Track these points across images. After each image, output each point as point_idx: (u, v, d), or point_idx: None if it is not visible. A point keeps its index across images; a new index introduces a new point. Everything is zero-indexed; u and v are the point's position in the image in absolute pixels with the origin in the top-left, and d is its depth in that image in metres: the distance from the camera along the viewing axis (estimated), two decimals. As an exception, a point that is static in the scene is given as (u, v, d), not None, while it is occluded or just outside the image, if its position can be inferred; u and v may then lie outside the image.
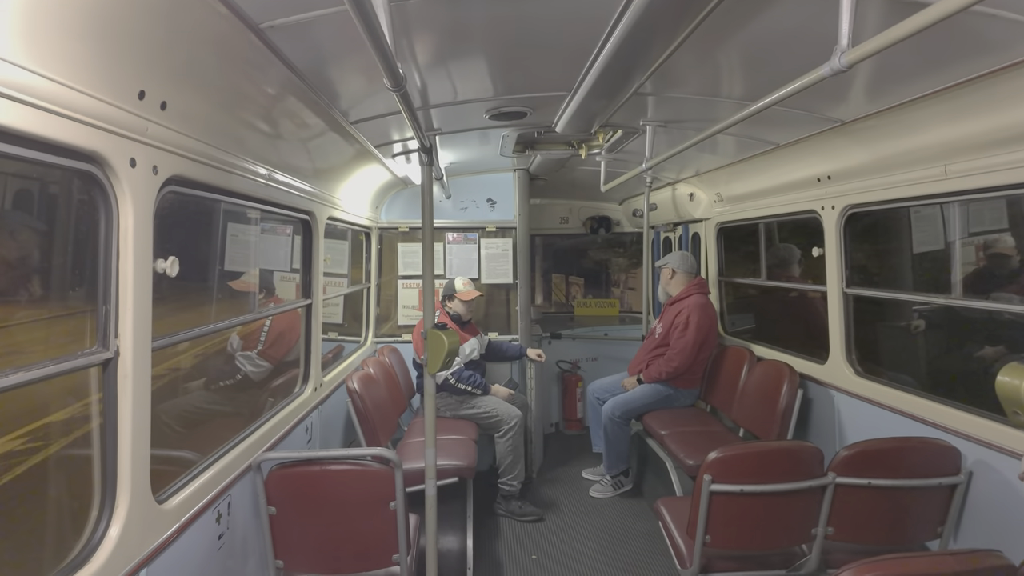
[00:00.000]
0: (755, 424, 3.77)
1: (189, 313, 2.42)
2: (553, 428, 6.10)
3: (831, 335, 3.37)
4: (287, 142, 2.51)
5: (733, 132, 3.23)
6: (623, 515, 4.25)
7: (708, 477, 2.38)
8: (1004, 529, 2.32)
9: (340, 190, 3.55)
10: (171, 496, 1.83)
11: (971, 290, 3.22)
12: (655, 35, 1.88)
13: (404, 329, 5.07)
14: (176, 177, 1.72)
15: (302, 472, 2.40)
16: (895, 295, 3.41)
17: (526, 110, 3.01)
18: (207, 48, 1.60)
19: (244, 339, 3.05)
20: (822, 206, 3.33)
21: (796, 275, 4.32)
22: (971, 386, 2.91)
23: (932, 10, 1.35)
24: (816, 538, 2.49)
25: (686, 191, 4.93)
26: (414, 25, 1.90)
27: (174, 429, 2.47)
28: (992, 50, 1.86)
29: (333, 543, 2.41)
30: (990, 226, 3.69)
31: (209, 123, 1.86)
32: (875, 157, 2.84)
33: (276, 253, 3.55)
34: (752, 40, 2.05)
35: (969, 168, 2.38)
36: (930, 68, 2.08)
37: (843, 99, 2.53)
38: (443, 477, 3.48)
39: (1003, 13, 1.62)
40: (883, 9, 1.67)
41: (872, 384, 3.11)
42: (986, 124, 2.20)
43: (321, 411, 3.35)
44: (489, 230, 5.22)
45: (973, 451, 2.44)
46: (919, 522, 2.52)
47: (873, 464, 2.40)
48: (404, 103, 1.77)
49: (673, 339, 4.38)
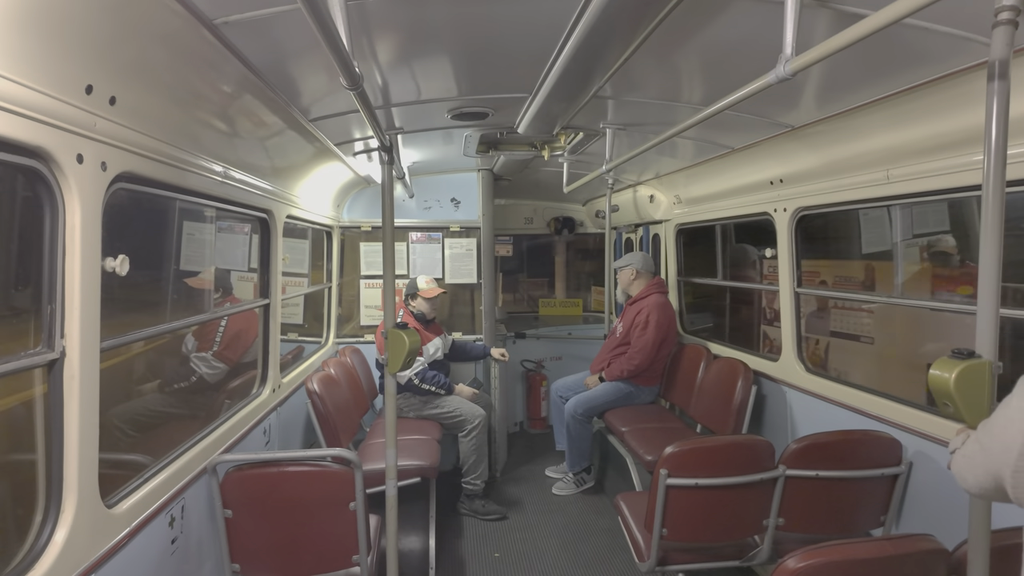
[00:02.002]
0: (712, 420, 3.87)
1: (141, 313, 2.36)
2: (517, 427, 6.13)
3: (783, 333, 3.49)
4: (244, 139, 2.47)
5: (691, 136, 3.32)
6: (585, 512, 4.31)
7: (664, 472, 2.44)
8: (941, 515, 2.45)
9: (299, 188, 3.50)
10: (121, 500, 1.79)
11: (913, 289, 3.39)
12: (612, 39, 1.92)
13: (367, 329, 5.03)
14: (126, 174, 1.68)
15: (259, 474, 2.37)
16: (842, 295, 3.55)
17: (488, 111, 3.02)
18: (158, 43, 1.56)
19: (199, 340, 2.97)
20: (775, 208, 3.44)
21: (751, 275, 4.46)
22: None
23: (868, 22, 1.42)
24: (768, 529, 2.58)
25: (647, 193, 5.03)
26: (374, 23, 1.89)
27: (126, 432, 2.40)
28: (929, 61, 1.96)
29: (291, 545, 2.39)
30: (934, 228, 3.88)
31: (162, 119, 1.82)
32: (824, 161, 2.95)
33: (233, 252, 3.48)
34: (705, 47, 2.11)
35: (910, 173, 2.50)
36: (873, 77, 2.18)
37: (794, 105, 2.63)
38: (405, 477, 3.48)
39: (936, 27, 1.71)
40: (826, 20, 1.75)
41: (821, 380, 3.23)
42: (925, 131, 2.32)
43: (280, 412, 3.30)
44: (453, 230, 5.22)
45: (913, 442, 2.57)
46: (864, 511, 2.64)
47: (820, 456, 2.50)
48: (362, 102, 1.76)
49: (634, 338, 4.46)
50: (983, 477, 1.19)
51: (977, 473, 1.22)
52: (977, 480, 1.22)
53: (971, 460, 1.25)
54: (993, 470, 1.14)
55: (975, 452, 1.24)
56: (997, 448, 1.12)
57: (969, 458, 1.27)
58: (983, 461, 1.19)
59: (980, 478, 1.21)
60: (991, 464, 1.15)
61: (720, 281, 4.64)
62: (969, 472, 1.25)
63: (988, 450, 1.17)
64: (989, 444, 1.17)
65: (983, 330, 1.56)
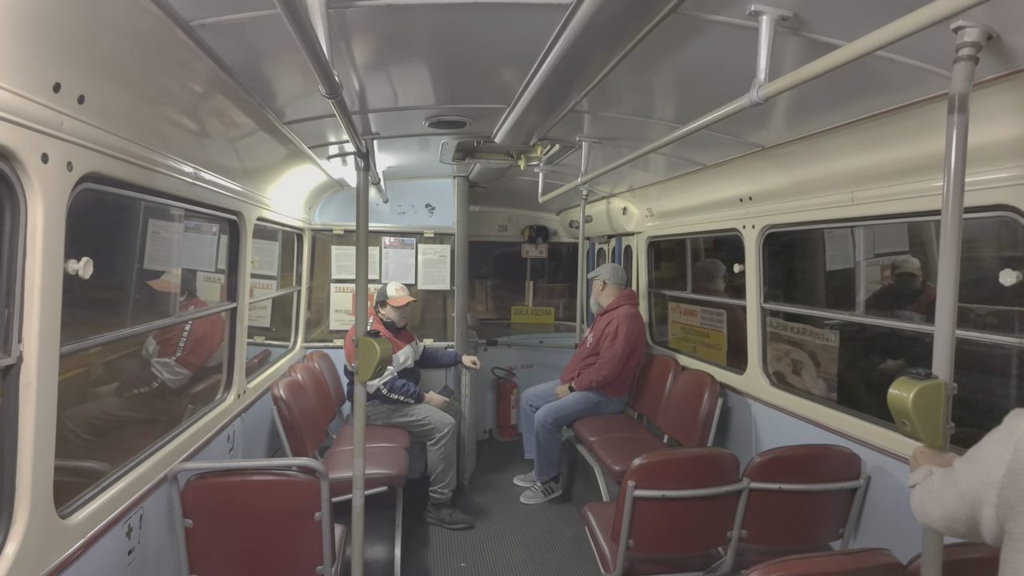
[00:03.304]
0: (679, 431, 3.92)
1: (102, 315, 2.28)
2: (487, 435, 6.12)
3: (749, 347, 3.56)
4: (216, 140, 2.43)
5: (664, 152, 3.37)
6: (552, 521, 4.32)
7: (632, 483, 2.46)
8: (897, 529, 2.53)
9: (271, 190, 3.45)
10: (77, 510, 1.73)
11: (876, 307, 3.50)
12: (591, 56, 1.95)
13: (336, 334, 4.96)
14: (93, 174, 1.63)
15: (221, 483, 2.31)
16: (807, 311, 3.64)
17: (465, 120, 3.03)
18: (131, 42, 1.53)
19: (162, 345, 2.88)
20: (743, 225, 3.52)
21: (720, 288, 4.55)
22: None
23: (840, 53, 1.48)
24: (731, 540, 2.63)
25: (620, 205, 5.09)
26: (354, 30, 1.88)
27: (83, 439, 2.32)
28: (893, 90, 2.04)
29: (253, 556, 2.33)
30: (894, 248, 4.01)
31: (132, 119, 1.77)
32: (792, 181, 3.03)
33: (200, 252, 3.39)
34: (681, 68, 2.16)
35: (873, 196, 2.59)
36: (840, 102, 2.26)
37: (764, 126, 2.70)
38: (372, 486, 3.42)
39: (901, 58, 1.78)
40: (799, 48, 1.80)
41: (785, 394, 3.31)
42: (888, 156, 2.40)
43: (244, 419, 3.23)
44: (427, 235, 5.20)
45: (872, 457, 2.65)
46: (824, 524, 2.71)
47: (783, 470, 2.56)
48: (340, 109, 1.75)
49: (603, 348, 4.50)
50: (953, 507, 1.21)
51: (947, 504, 1.23)
52: (945, 512, 1.24)
53: (939, 493, 1.27)
54: (971, 495, 1.15)
55: (943, 485, 1.26)
56: (980, 471, 1.14)
57: (934, 492, 1.29)
58: (955, 491, 1.21)
59: (949, 509, 1.22)
60: (969, 489, 1.16)
61: (689, 294, 4.72)
62: (935, 506, 1.27)
63: (965, 477, 1.19)
64: (967, 471, 1.18)
65: (940, 352, 1.62)
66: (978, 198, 2.04)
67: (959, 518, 1.21)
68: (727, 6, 1.64)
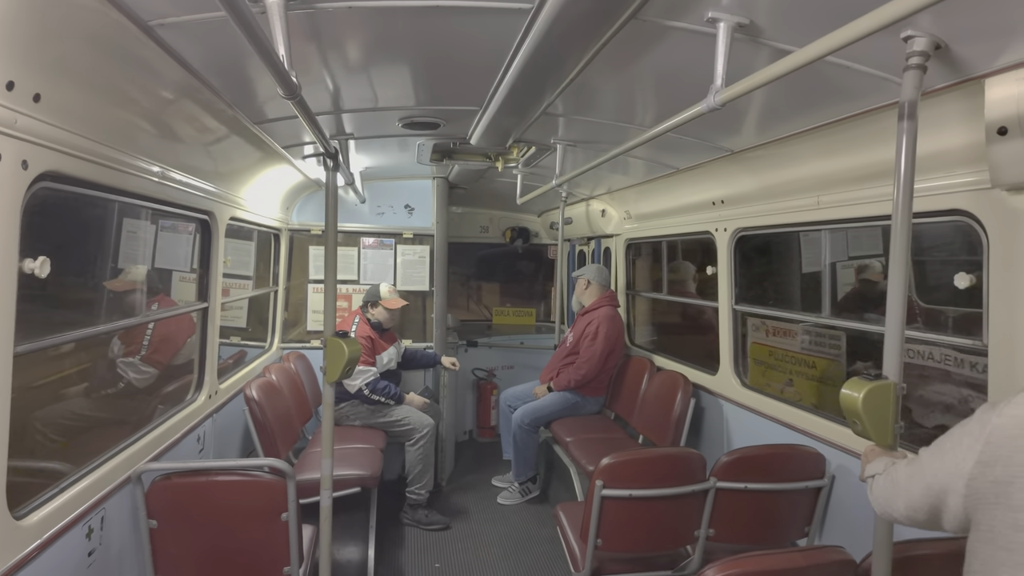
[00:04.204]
0: (653, 431, 3.96)
1: (61, 313, 2.26)
2: (467, 435, 6.12)
3: (721, 348, 3.61)
4: (184, 140, 2.42)
5: (639, 155, 3.41)
6: (528, 521, 4.34)
7: (600, 482, 2.48)
8: (859, 527, 2.56)
9: (245, 190, 3.43)
10: (33, 511, 1.71)
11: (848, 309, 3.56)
12: (556, 60, 1.97)
13: (313, 335, 4.94)
14: (51, 173, 1.62)
15: (188, 483, 2.30)
16: (777, 312, 3.69)
17: (439, 121, 3.04)
18: (88, 41, 1.52)
19: (125, 343, 2.86)
20: (716, 228, 3.57)
21: (692, 290, 4.61)
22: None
23: (790, 59, 1.51)
24: (699, 540, 2.65)
25: (599, 207, 5.13)
26: (324, 31, 1.88)
27: (44, 438, 2.30)
28: (852, 97, 2.08)
29: (219, 556, 2.32)
30: (868, 251, 4.08)
31: (93, 118, 1.76)
32: (761, 185, 3.08)
33: (174, 252, 3.37)
34: (647, 73, 2.19)
35: (837, 200, 2.63)
36: (804, 109, 2.30)
37: (733, 131, 2.73)
38: (344, 487, 3.42)
39: (857, 66, 1.82)
40: (757, 54, 1.83)
41: (755, 395, 3.36)
42: (849, 162, 2.45)
43: (216, 420, 3.21)
44: (406, 236, 5.19)
45: (836, 456, 2.69)
46: (789, 522, 2.74)
47: (749, 469, 2.59)
48: (301, 109, 1.75)
49: (583, 348, 4.53)
50: (918, 497, 1.23)
51: (912, 494, 1.25)
52: (910, 502, 1.25)
53: (905, 483, 1.28)
54: (939, 485, 1.17)
55: (909, 475, 1.27)
56: (949, 462, 1.15)
57: (899, 482, 1.30)
58: (922, 481, 1.22)
59: (914, 498, 1.24)
60: (936, 479, 1.18)
61: (665, 296, 4.77)
62: (899, 496, 1.29)
63: (933, 467, 1.20)
64: (935, 462, 1.20)
65: (890, 353, 1.66)
66: (934, 203, 2.09)
67: (922, 508, 1.23)
68: (686, 13, 1.67)
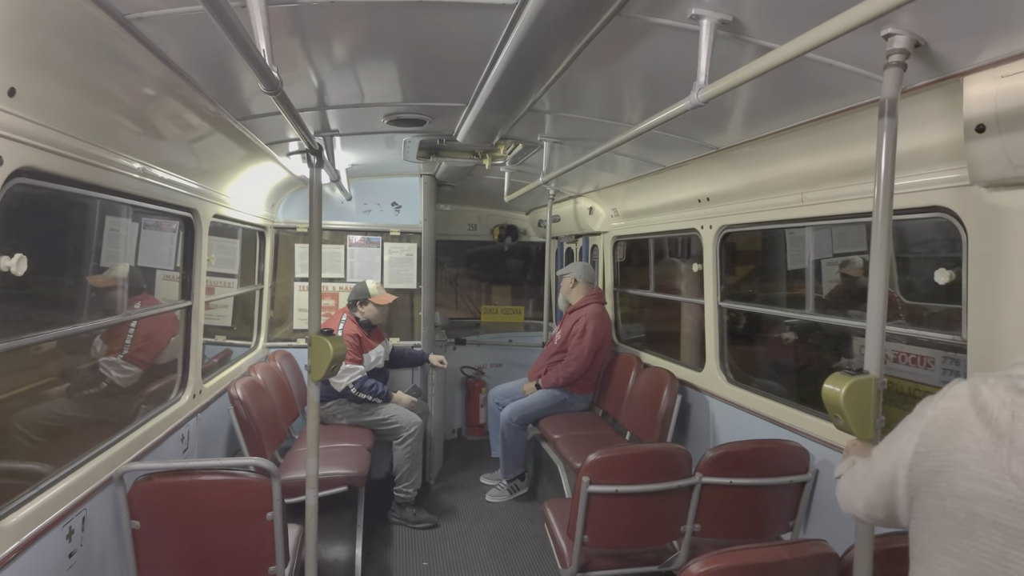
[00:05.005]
0: (640, 428, 3.98)
1: (42, 312, 2.23)
2: (455, 434, 6.11)
3: (707, 345, 3.63)
4: (166, 136, 2.39)
5: (625, 152, 3.42)
6: (516, 519, 4.34)
7: (586, 479, 2.49)
8: (842, 521, 2.54)
9: (229, 187, 3.40)
10: (11, 512, 1.69)
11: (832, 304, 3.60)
12: (541, 57, 1.96)
13: (300, 333, 4.91)
14: (28, 168, 1.60)
15: (171, 483, 2.27)
16: (762, 309, 3.72)
17: (425, 118, 3.02)
18: (65, 35, 1.50)
19: (107, 342, 2.82)
20: (701, 225, 3.59)
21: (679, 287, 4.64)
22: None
23: (771, 56, 1.52)
24: (685, 534, 2.67)
25: (586, 205, 5.14)
26: (308, 26, 1.86)
27: (26, 441, 2.27)
28: (835, 95, 2.10)
29: (204, 557, 2.30)
30: (852, 248, 4.13)
31: (71, 114, 1.74)
32: (746, 182, 3.10)
33: (158, 250, 3.33)
34: (632, 70, 2.19)
35: (821, 197, 2.66)
36: (788, 106, 2.31)
37: (720, 128, 2.74)
38: (331, 486, 3.41)
39: (838, 63, 1.84)
40: (740, 51, 1.84)
41: (740, 390, 3.38)
42: (832, 159, 2.47)
43: (200, 419, 3.18)
44: (393, 234, 5.17)
45: (819, 451, 2.72)
46: (774, 517, 2.77)
47: (734, 464, 2.61)
48: (283, 105, 1.73)
49: (571, 345, 4.54)
50: (873, 493, 1.25)
51: (867, 491, 1.27)
52: (867, 499, 1.28)
53: (861, 481, 1.31)
54: (887, 479, 1.19)
55: (864, 473, 1.30)
56: (892, 455, 1.19)
57: (857, 481, 1.33)
58: (874, 477, 1.25)
59: (870, 495, 1.26)
60: (885, 474, 1.20)
61: (652, 293, 4.79)
62: (858, 495, 1.32)
63: (881, 463, 1.23)
64: (883, 457, 1.23)
65: (871, 348, 1.68)
66: (914, 200, 2.12)
67: (879, 504, 1.25)
68: (669, 9, 1.67)
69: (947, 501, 1.05)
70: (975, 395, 1.04)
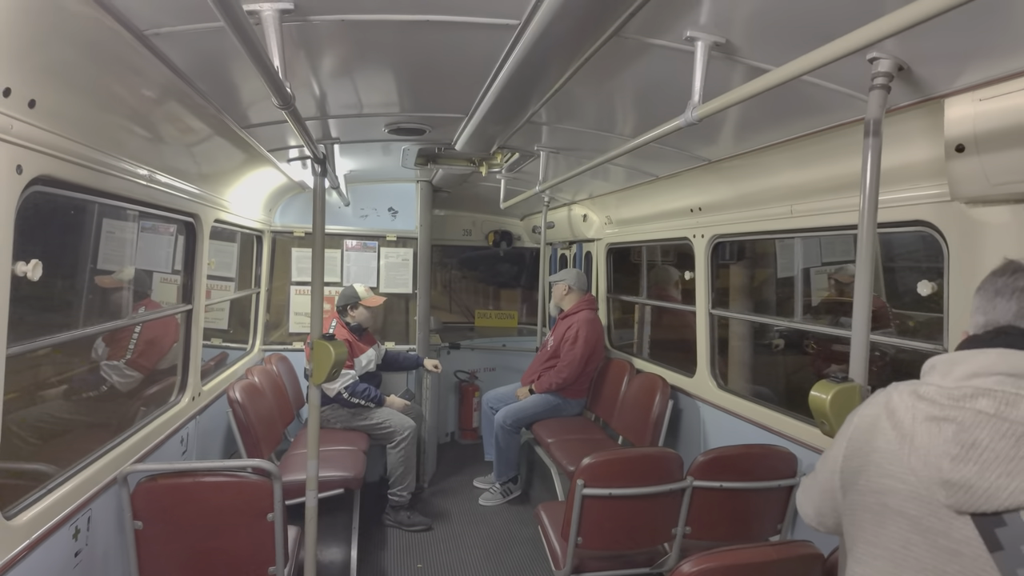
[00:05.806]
0: (632, 432, 4.04)
1: (50, 315, 2.26)
2: (449, 437, 6.15)
3: (698, 351, 3.70)
4: (172, 144, 2.43)
5: (620, 163, 3.50)
6: (510, 522, 4.39)
7: (581, 482, 2.55)
8: (829, 524, 2.67)
9: (230, 192, 3.44)
10: (22, 511, 1.73)
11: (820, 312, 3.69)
12: (542, 73, 2.03)
13: (295, 337, 4.94)
14: (44, 177, 1.64)
15: (172, 484, 2.31)
16: (752, 317, 3.80)
17: (425, 127, 3.08)
18: (84, 49, 1.55)
19: (111, 346, 2.85)
20: (693, 234, 3.67)
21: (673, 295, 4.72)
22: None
23: (766, 78, 1.60)
24: (676, 537, 2.74)
25: (580, 212, 5.21)
26: (312, 41, 1.92)
27: (32, 442, 2.30)
28: (822, 112, 2.18)
29: (205, 557, 2.34)
30: (840, 257, 4.23)
31: (85, 123, 1.79)
32: (737, 193, 3.18)
33: (157, 253, 3.36)
34: (628, 86, 2.27)
35: (809, 209, 2.74)
36: (777, 122, 2.39)
37: (712, 141, 2.82)
38: (328, 488, 3.44)
39: (825, 84, 1.92)
40: (733, 71, 1.92)
41: (730, 396, 3.46)
42: (820, 173, 2.56)
43: (199, 421, 3.21)
44: (390, 239, 5.22)
45: (807, 456, 2.79)
46: (763, 520, 2.84)
47: (724, 469, 2.68)
48: (294, 119, 1.79)
49: (563, 351, 4.60)
50: (819, 500, 1.35)
51: (814, 498, 1.37)
52: (815, 507, 1.37)
53: (809, 489, 1.42)
54: (828, 485, 1.29)
55: (811, 482, 1.41)
56: (829, 461, 1.29)
57: (806, 489, 1.44)
58: (817, 485, 1.35)
59: (816, 502, 1.36)
60: (826, 481, 1.30)
61: (644, 300, 4.87)
62: (807, 502, 1.42)
63: (821, 470, 1.33)
64: (822, 465, 1.33)
65: (856, 356, 1.75)
66: (898, 214, 2.20)
67: (826, 511, 1.34)
68: (665, 31, 1.75)
69: (866, 496, 1.16)
70: (888, 401, 1.17)
